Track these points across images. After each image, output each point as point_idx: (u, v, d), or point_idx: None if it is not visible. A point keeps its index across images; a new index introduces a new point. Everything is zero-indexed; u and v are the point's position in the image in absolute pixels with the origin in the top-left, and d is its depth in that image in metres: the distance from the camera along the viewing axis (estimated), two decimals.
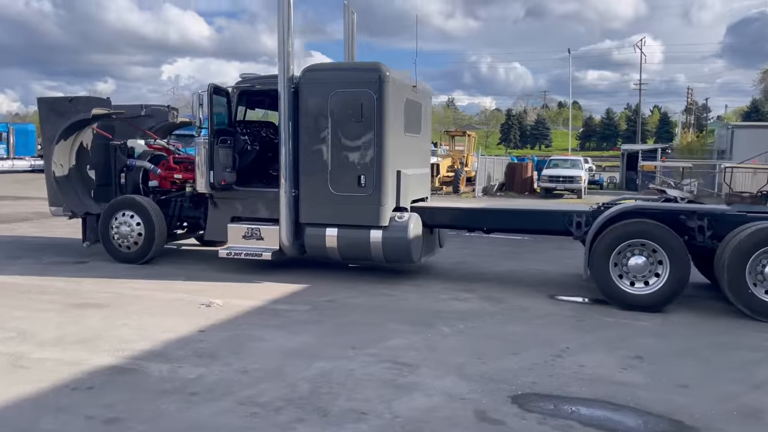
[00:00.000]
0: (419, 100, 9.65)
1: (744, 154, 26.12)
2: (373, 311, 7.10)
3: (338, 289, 8.11)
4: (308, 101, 8.55)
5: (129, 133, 11.07)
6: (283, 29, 8.49)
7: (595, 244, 7.64)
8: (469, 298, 7.86)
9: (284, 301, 7.44)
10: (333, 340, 5.93)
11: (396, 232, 8.45)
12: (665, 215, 7.62)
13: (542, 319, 6.96)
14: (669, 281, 7.36)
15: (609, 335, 6.40)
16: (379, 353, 5.56)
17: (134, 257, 9.49)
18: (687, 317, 7.17)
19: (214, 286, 8.11)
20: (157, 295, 7.53)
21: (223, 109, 9.22)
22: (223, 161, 8.93)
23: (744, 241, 7.14)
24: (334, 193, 8.54)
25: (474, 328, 6.50)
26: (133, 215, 9.47)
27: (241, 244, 9.02)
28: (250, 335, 6.00)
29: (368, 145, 8.37)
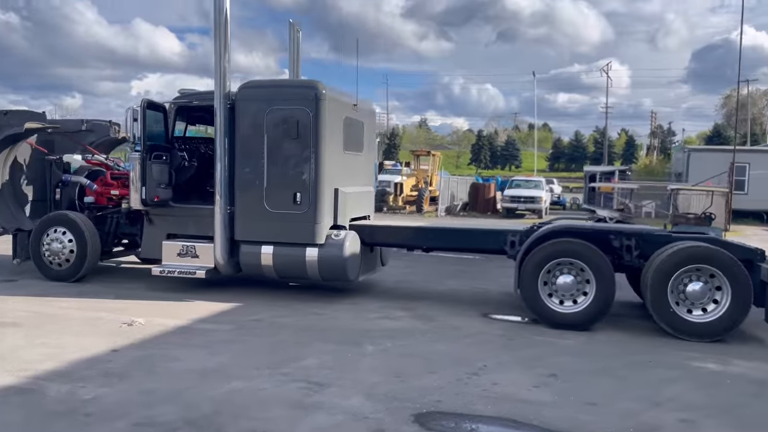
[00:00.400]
0: (361, 119, 9.66)
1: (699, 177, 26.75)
2: (300, 331, 7.01)
3: (270, 308, 8.01)
4: (244, 117, 8.50)
5: (70, 148, 10.92)
6: (220, 45, 8.45)
7: (525, 263, 7.68)
8: (402, 317, 7.82)
9: (210, 321, 7.32)
10: (250, 360, 5.83)
11: (332, 250, 8.40)
12: (592, 235, 7.71)
13: (471, 338, 6.95)
14: (595, 300, 7.42)
15: (532, 354, 6.41)
16: (293, 373, 5.48)
17: (66, 275, 9.26)
18: (614, 336, 7.22)
19: (142, 305, 7.94)
20: (80, 314, 7.35)
21: (160, 124, 9.12)
22: (157, 177, 8.79)
23: (665, 260, 7.25)
24: (269, 210, 8.46)
25: (399, 347, 6.45)
26: (65, 232, 9.26)
27: (176, 262, 8.87)
28: (165, 355, 5.87)
29: (304, 163, 8.33)
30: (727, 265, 7.03)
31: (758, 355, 6.59)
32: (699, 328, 7.10)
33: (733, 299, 7.01)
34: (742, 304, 6.99)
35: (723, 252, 7.10)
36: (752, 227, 24.94)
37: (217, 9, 8.40)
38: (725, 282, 7.05)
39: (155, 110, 9.04)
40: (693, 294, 7.18)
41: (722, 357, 6.45)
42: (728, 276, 7.03)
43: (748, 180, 28.62)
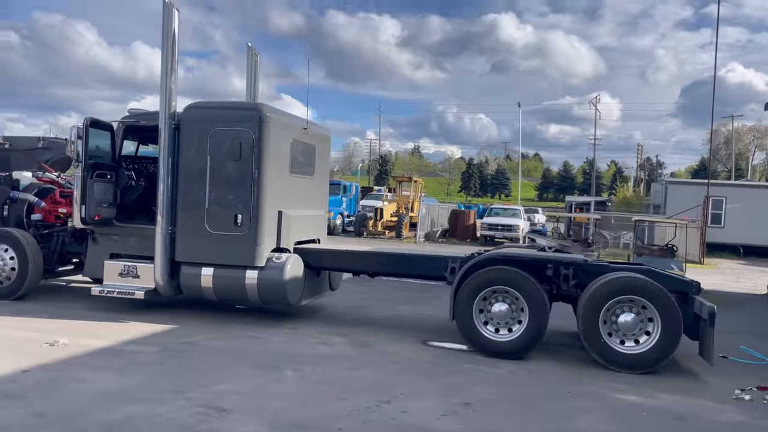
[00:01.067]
0: (313, 142, 9.67)
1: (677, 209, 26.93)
2: (227, 354, 6.91)
3: (206, 331, 7.90)
4: (188, 138, 8.49)
5: (27, 164, 10.88)
6: (166, 65, 8.47)
7: (460, 290, 7.63)
8: (337, 343, 7.73)
9: (138, 342, 7.20)
10: (160, 383, 5.73)
11: (272, 273, 8.33)
12: (527, 263, 7.68)
13: (398, 365, 6.87)
14: (528, 329, 7.37)
15: (454, 382, 6.32)
16: (199, 397, 5.37)
17: (6, 293, 9.13)
18: (545, 365, 7.15)
19: (74, 325, 7.83)
20: (5, 333, 7.24)
21: (106, 143, 9.10)
22: (99, 196, 8.74)
23: (597, 290, 7.22)
24: (210, 231, 8.41)
25: (320, 373, 6.36)
26: (7, 249, 9.16)
27: (117, 282, 8.77)
28: (73, 376, 5.76)
29: (246, 184, 8.30)
30: (657, 296, 7.01)
31: (685, 389, 6.52)
32: (629, 360, 7.05)
33: (663, 331, 6.98)
34: (672, 336, 6.96)
35: (653, 283, 7.08)
36: (727, 260, 25.02)
37: (165, 29, 8.44)
38: (655, 313, 7.02)
39: (102, 129, 9.02)
40: (625, 325, 7.15)
41: (647, 389, 6.38)
42: (658, 307, 7.00)
43: (724, 213, 28.77)
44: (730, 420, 5.65)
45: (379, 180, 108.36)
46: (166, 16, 8.43)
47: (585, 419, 5.40)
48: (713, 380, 6.92)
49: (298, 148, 9.17)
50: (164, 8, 8.43)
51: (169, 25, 8.44)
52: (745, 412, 5.85)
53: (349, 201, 32.33)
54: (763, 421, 5.65)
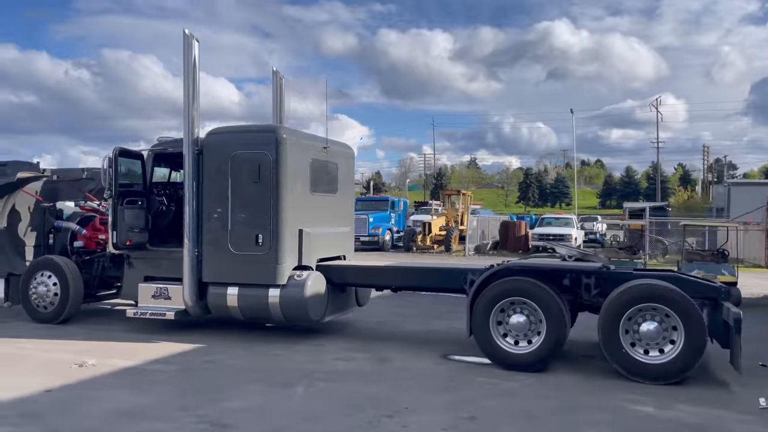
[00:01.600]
0: (334, 161, 9.83)
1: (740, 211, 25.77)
2: (244, 372, 7.07)
3: (230, 349, 8.11)
4: (210, 162, 8.79)
5: (74, 195, 11.50)
6: (188, 94, 8.81)
7: (476, 302, 7.57)
8: (357, 358, 7.79)
9: (162, 361, 7.47)
10: (173, 401, 5.92)
11: (294, 291, 8.47)
12: (545, 273, 7.55)
13: (413, 380, 6.85)
14: (546, 340, 7.22)
15: (465, 396, 6.27)
16: (206, 414, 5.53)
17: (50, 317, 9.64)
18: (566, 377, 6.99)
19: (106, 346, 8.18)
20: (39, 355, 7.64)
21: (136, 171, 9.52)
22: (129, 221, 9.14)
23: (615, 299, 7.02)
24: (234, 252, 8.65)
25: (331, 389, 6.43)
26: (50, 275, 9.68)
27: (150, 304, 9.12)
28: (92, 396, 6.03)
29: (266, 204, 8.51)
30: (678, 303, 6.75)
31: (709, 400, 6.25)
32: (652, 370, 6.80)
33: (687, 339, 6.71)
34: (696, 344, 6.68)
35: (673, 289, 6.82)
36: None
37: (186, 60, 8.79)
38: (678, 321, 6.76)
39: (131, 158, 9.46)
40: (647, 334, 6.91)
41: (668, 400, 6.15)
42: (680, 314, 6.74)
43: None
44: (742, 429, 5.37)
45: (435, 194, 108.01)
46: (187, 46, 8.79)
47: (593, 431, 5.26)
48: (742, 391, 6.60)
49: (318, 167, 9.34)
50: (184, 39, 8.79)
51: (190, 55, 8.79)
52: (765, 423, 5.55)
53: (398, 216, 32.40)
54: None
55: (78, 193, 11.47)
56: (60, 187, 11.31)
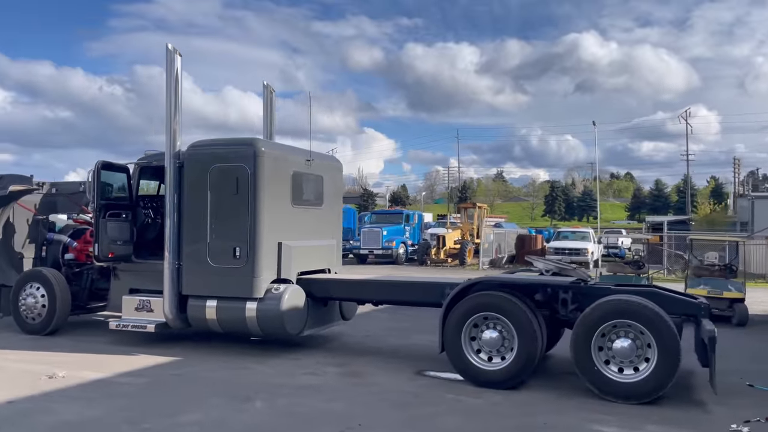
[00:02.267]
0: (319, 173, 9.80)
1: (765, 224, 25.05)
2: (210, 385, 7.03)
3: (204, 362, 8.10)
4: (191, 175, 8.82)
5: (72, 208, 11.65)
6: (170, 107, 8.88)
7: (449, 317, 7.42)
8: (328, 373, 7.69)
9: (133, 374, 7.47)
10: (125, 414, 5.89)
11: (270, 304, 8.42)
12: (517, 287, 7.38)
13: (376, 396, 6.73)
14: (517, 357, 7.05)
15: (424, 413, 6.13)
16: (154, 428, 5.49)
17: (39, 328, 9.75)
18: (537, 395, 6.80)
19: (84, 358, 8.23)
20: (14, 366, 7.72)
21: (121, 184, 9.61)
22: (111, 234, 9.21)
23: (588, 314, 6.82)
24: (212, 264, 8.64)
25: (290, 405, 6.34)
26: (39, 287, 9.80)
27: (133, 316, 9.15)
28: (48, 408, 6.05)
29: (244, 217, 8.50)
30: (651, 320, 6.53)
31: (680, 420, 6.01)
32: (624, 389, 6.58)
33: (660, 358, 6.48)
34: (669, 363, 6.44)
35: (647, 306, 6.60)
36: None
37: (168, 74, 8.88)
38: (651, 338, 6.54)
39: (116, 171, 9.56)
40: (621, 351, 6.70)
41: (636, 420, 5.94)
42: (653, 332, 6.53)
43: None
44: None
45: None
46: (169, 61, 8.87)
47: None
48: (720, 410, 6.34)
49: (300, 179, 9.31)
50: (167, 54, 8.88)
51: (172, 69, 8.87)
52: None
53: (413, 230, 32.26)
54: None
55: (74, 206, 11.64)
56: (58, 200, 11.47)
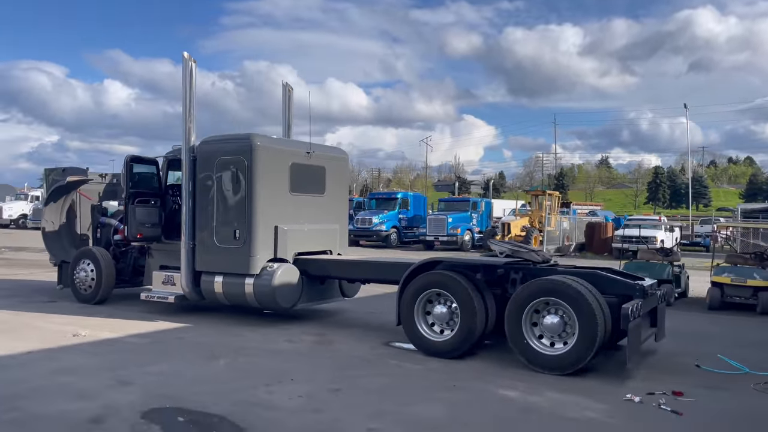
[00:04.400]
0: (320, 164, 10.81)
1: None
2: (197, 347, 8.22)
3: (208, 329, 9.36)
4: (201, 167, 10.10)
5: None
6: (186, 108, 10.18)
7: (404, 293, 8.21)
8: (304, 341, 8.72)
9: (141, 336, 8.83)
10: (109, 364, 7.16)
11: (263, 281, 9.57)
12: (458, 267, 8.05)
13: (328, 360, 7.66)
14: (459, 330, 7.74)
15: (357, 374, 7.01)
16: (123, 374, 6.70)
17: (89, 298, 11.46)
18: (474, 365, 7.50)
19: (111, 322, 9.72)
20: (49, 326, 9.31)
21: (151, 174, 11.09)
22: (140, 218, 10.70)
23: (519, 292, 7.40)
24: (218, 245, 9.90)
25: (248, 363, 7.41)
26: (89, 263, 11.51)
27: (160, 289, 10.63)
28: (56, 357, 7.48)
29: (242, 203, 9.68)
30: (573, 298, 7.03)
31: (582, 389, 6.53)
32: (549, 361, 7.14)
33: (580, 333, 6.97)
34: (588, 338, 6.91)
35: (569, 285, 7.09)
36: None
37: (184, 79, 10.17)
38: (573, 315, 7.03)
39: (146, 164, 11.05)
40: (550, 327, 7.26)
41: (540, 387, 6.54)
42: (574, 309, 7.02)
43: None
44: (580, 416, 5.68)
45: None
46: (185, 68, 10.17)
47: (429, 407, 5.83)
48: (634, 384, 6.77)
49: (299, 170, 10.36)
50: (183, 62, 10.18)
51: (187, 75, 10.15)
52: (609, 412, 5.82)
53: (480, 217, 32.61)
54: (614, 421, 5.60)
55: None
56: (118, 189, 13.21)
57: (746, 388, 6.77)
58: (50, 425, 5.18)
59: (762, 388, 6.77)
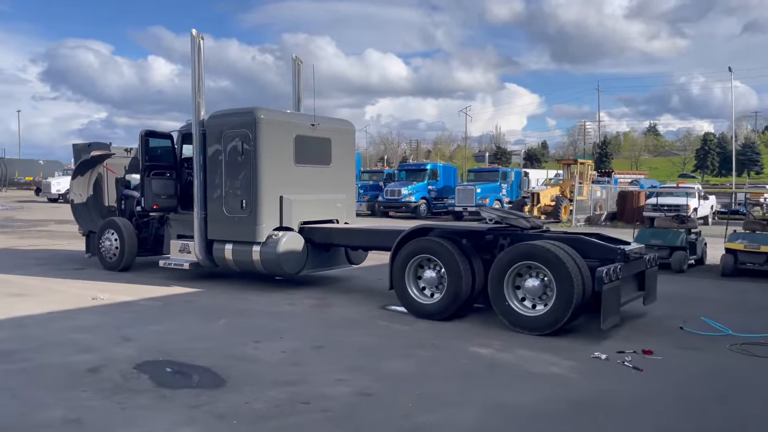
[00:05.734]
0: (326, 136, 11.18)
1: None
2: (202, 309, 8.77)
3: (218, 294, 9.92)
4: (211, 140, 10.58)
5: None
6: (195, 84, 10.63)
7: (395, 259, 8.57)
8: (304, 304, 9.19)
9: (154, 299, 9.45)
10: (118, 323, 7.76)
11: (269, 248, 10.05)
12: (445, 234, 8.36)
13: (320, 321, 8.14)
14: (446, 294, 8.07)
15: (347, 332, 7.46)
16: (128, 333, 7.26)
17: (114, 265, 12.19)
18: (461, 325, 7.85)
19: (129, 287, 10.38)
20: (72, 290, 10.02)
21: (166, 148, 11.65)
22: (156, 190, 11.30)
23: (501, 257, 7.68)
24: (227, 214, 10.41)
25: (244, 323, 7.93)
26: (113, 233, 12.22)
27: (177, 257, 11.26)
28: (72, 317, 8.13)
29: (248, 175, 10.14)
30: (551, 261, 7.26)
31: (553, 347, 6.80)
32: (529, 322, 7.43)
33: (557, 295, 7.21)
34: (565, 300, 7.15)
35: (548, 250, 7.31)
36: None
37: (193, 57, 10.62)
38: (551, 278, 7.28)
39: (161, 138, 11.60)
40: (531, 289, 7.54)
41: (513, 346, 6.86)
42: (552, 272, 7.26)
43: None
44: (543, 371, 5.98)
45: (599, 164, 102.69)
46: (194, 44, 10.60)
47: (402, 362, 6.22)
48: (607, 344, 7.00)
49: (304, 142, 10.74)
50: (191, 39, 10.61)
51: (195, 52, 10.59)
52: (573, 368, 6.09)
53: (510, 187, 32.56)
54: (574, 375, 5.88)
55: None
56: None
57: (722, 349, 6.92)
58: (53, 373, 5.77)
59: (738, 349, 6.92)
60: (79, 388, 5.34)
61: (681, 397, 5.35)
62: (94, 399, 5.10)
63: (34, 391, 5.28)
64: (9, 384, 5.47)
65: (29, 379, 5.60)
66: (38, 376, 5.70)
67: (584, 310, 7.46)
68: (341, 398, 5.18)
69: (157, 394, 5.24)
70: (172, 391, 5.34)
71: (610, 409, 5.04)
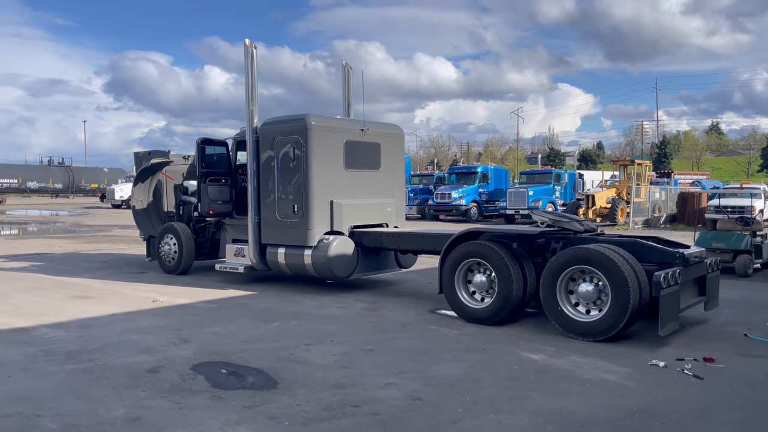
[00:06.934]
0: (375, 141, 11.25)
1: None
2: (256, 312, 8.95)
3: (271, 296, 10.13)
4: (264, 147, 10.81)
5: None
6: (249, 93, 10.89)
7: (445, 263, 8.54)
8: (355, 308, 9.26)
9: (209, 302, 9.70)
10: (177, 325, 8.01)
11: (320, 252, 10.19)
12: (495, 237, 8.28)
13: (372, 325, 8.13)
14: (497, 298, 7.99)
15: (395, 336, 7.48)
16: (185, 334, 7.51)
17: (172, 269, 12.59)
18: (511, 331, 7.76)
19: (187, 290, 10.70)
20: (134, 293, 10.38)
21: (222, 155, 11.95)
22: (212, 196, 11.60)
23: (553, 261, 7.55)
24: (280, 219, 10.61)
25: (297, 326, 8.03)
26: (172, 237, 12.62)
27: (232, 260, 11.53)
28: (133, 318, 8.43)
29: (299, 180, 10.31)
30: (605, 266, 7.10)
31: (608, 354, 6.65)
32: (583, 327, 7.28)
33: (613, 300, 7.05)
34: (621, 305, 6.98)
35: (602, 253, 7.15)
36: None
37: (246, 66, 10.87)
38: (606, 282, 7.12)
39: (217, 145, 11.91)
40: (584, 294, 7.39)
41: (567, 352, 6.73)
42: (607, 277, 7.11)
43: None
44: (595, 378, 5.85)
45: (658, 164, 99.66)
46: (247, 54, 10.86)
47: (451, 366, 6.20)
48: (666, 350, 6.79)
49: (353, 147, 10.84)
50: (245, 48, 10.87)
51: (248, 62, 10.85)
52: (628, 375, 5.94)
53: (563, 189, 31.97)
54: (628, 383, 5.73)
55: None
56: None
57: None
58: (115, 373, 6.00)
59: None
60: (139, 388, 5.54)
61: (744, 407, 5.15)
62: (153, 398, 5.28)
63: (97, 391, 5.50)
64: (74, 384, 5.72)
65: (93, 379, 5.84)
66: (101, 376, 5.94)
67: (641, 316, 7.27)
68: (391, 402, 5.21)
69: (212, 395, 5.38)
70: (227, 392, 5.48)
71: (667, 418, 4.89)
